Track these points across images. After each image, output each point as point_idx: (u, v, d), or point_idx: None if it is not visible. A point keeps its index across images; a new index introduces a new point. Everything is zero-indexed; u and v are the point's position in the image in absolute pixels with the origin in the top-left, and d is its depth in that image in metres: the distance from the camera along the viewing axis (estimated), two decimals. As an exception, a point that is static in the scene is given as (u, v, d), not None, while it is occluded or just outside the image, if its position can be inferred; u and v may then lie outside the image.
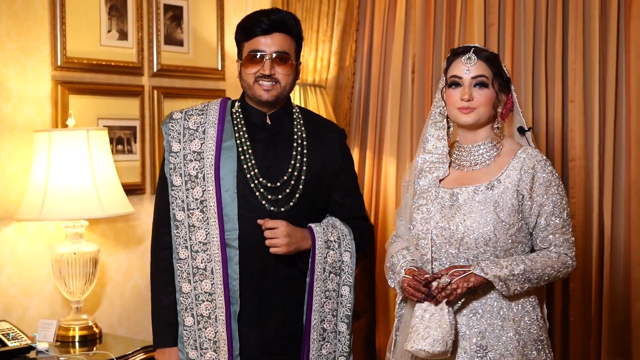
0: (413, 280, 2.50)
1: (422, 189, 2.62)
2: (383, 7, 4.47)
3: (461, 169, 2.61)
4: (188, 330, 2.64)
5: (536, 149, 2.59)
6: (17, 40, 3.54)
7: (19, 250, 3.55)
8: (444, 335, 2.42)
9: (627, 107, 3.71)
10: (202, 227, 2.61)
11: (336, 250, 2.69)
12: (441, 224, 2.54)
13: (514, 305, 2.52)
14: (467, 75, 2.55)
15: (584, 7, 3.79)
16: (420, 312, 2.47)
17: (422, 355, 2.45)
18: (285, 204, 2.62)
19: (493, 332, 2.49)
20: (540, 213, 2.51)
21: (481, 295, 2.51)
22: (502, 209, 2.49)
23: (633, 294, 3.67)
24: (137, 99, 3.99)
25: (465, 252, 2.51)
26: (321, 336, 2.68)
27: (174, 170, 2.64)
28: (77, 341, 3.43)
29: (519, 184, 2.50)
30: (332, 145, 2.74)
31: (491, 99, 2.56)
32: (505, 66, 2.63)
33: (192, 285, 2.62)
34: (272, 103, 2.64)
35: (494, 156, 2.58)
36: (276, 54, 2.59)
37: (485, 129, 2.60)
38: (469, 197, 2.53)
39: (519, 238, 2.52)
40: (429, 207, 2.58)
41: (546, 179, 2.51)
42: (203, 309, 2.62)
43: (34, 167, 3.41)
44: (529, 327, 2.52)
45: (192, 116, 2.70)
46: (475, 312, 2.51)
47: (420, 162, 2.66)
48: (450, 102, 2.59)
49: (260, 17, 2.62)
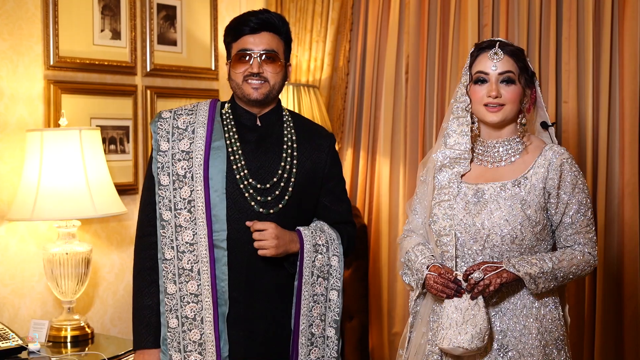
0: (440, 277, 2.47)
1: (442, 184, 2.58)
2: (377, 7, 4.47)
3: (484, 164, 2.58)
4: (172, 332, 2.61)
5: (562, 147, 2.56)
6: (9, 40, 3.53)
7: (10, 250, 3.54)
8: (481, 330, 2.39)
9: (621, 108, 3.71)
10: (189, 228, 2.59)
11: (324, 254, 2.68)
12: (465, 220, 2.51)
13: (537, 304, 2.50)
14: (494, 71, 2.51)
15: (578, 7, 3.79)
16: (451, 309, 2.43)
17: (458, 352, 2.42)
18: (275, 205, 2.62)
19: (515, 330, 2.47)
20: (566, 211, 2.50)
21: (504, 293, 2.49)
22: (529, 206, 2.47)
23: (626, 295, 3.67)
24: (130, 98, 3.98)
25: (490, 249, 2.48)
26: (309, 341, 2.67)
27: (161, 169, 2.63)
28: (69, 341, 3.42)
29: (546, 181, 2.48)
30: (321, 149, 2.73)
31: (518, 95, 2.52)
32: (530, 60, 2.59)
33: (178, 286, 2.60)
34: (261, 102, 2.63)
35: (519, 153, 2.55)
36: (264, 52, 2.59)
37: (511, 125, 2.57)
38: (495, 193, 2.50)
39: (544, 236, 2.51)
40: (452, 203, 2.54)
41: (573, 178, 2.50)
42: (188, 310, 2.60)
43: (26, 167, 3.39)
44: (550, 327, 2.50)
45: (182, 116, 2.69)
46: (498, 311, 2.49)
47: (441, 157, 2.61)
48: (476, 98, 2.54)
49: (248, 17, 2.63)
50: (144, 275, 2.65)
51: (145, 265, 2.65)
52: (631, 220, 3.66)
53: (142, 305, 2.65)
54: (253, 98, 2.61)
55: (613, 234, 3.73)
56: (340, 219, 2.78)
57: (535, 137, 2.62)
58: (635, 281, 3.66)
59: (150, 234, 2.64)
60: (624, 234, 3.68)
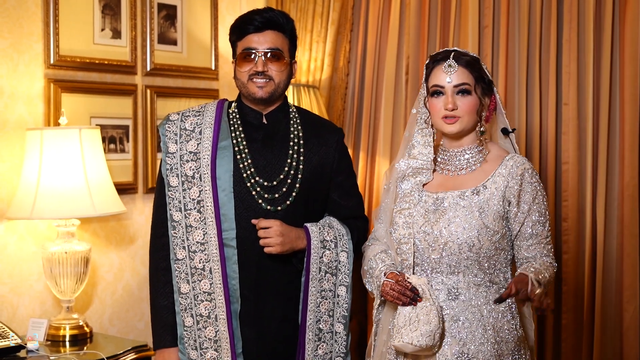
0: (397, 284, 2.47)
1: (405, 192, 2.59)
2: (377, 8, 4.46)
3: (445, 173, 2.59)
4: (188, 331, 2.64)
5: (523, 157, 2.56)
6: (9, 38, 3.52)
7: (9, 249, 3.53)
8: (432, 329, 2.39)
9: (621, 111, 3.71)
10: (199, 227, 2.62)
11: (332, 250, 2.69)
12: (424, 228, 2.51)
13: (495, 314, 2.49)
14: (449, 84, 2.51)
15: (579, 9, 3.79)
16: (407, 309, 2.43)
17: (409, 349, 2.42)
18: (282, 202, 2.63)
19: (475, 340, 2.46)
20: (525, 221, 2.50)
21: (462, 301, 2.49)
22: (487, 214, 2.46)
23: (625, 298, 3.67)
24: (130, 98, 3.97)
25: (447, 257, 2.48)
26: (317, 336, 2.68)
27: (170, 171, 2.65)
28: (67, 340, 3.41)
29: (505, 190, 2.48)
30: (329, 145, 2.74)
31: (475, 106, 2.53)
32: (486, 67, 2.59)
33: (191, 285, 2.63)
34: (266, 100, 2.64)
35: (480, 161, 2.55)
36: (269, 50, 2.60)
37: (471, 134, 2.58)
38: (453, 202, 2.50)
39: (502, 245, 2.50)
40: (412, 212, 2.55)
41: (533, 188, 2.50)
42: (202, 308, 2.62)
43: (25, 166, 3.39)
44: (507, 337, 2.49)
45: (189, 117, 2.70)
46: (457, 319, 2.48)
47: (404, 166, 2.63)
48: (434, 111, 2.55)
49: (253, 15, 2.65)
50: (159, 276, 2.68)
51: (159, 266, 2.68)
52: (630, 222, 3.66)
53: (158, 306, 2.68)
54: (258, 96, 2.62)
55: (612, 236, 3.72)
56: (350, 214, 2.79)
57: (496, 145, 2.62)
58: (635, 284, 3.66)
59: (163, 234, 2.67)
60: (623, 236, 3.68)
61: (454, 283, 2.50)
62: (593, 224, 3.76)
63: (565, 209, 3.80)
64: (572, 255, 3.79)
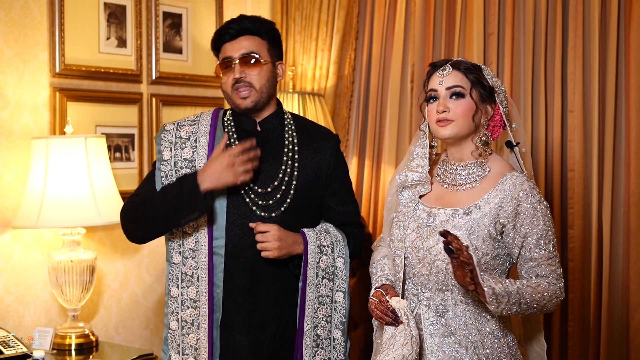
0: (380, 304, 2.47)
1: (404, 202, 2.56)
2: (382, 16, 4.47)
3: (445, 186, 2.53)
4: (172, 334, 2.66)
5: (523, 175, 2.48)
6: (15, 47, 3.53)
7: (15, 258, 3.54)
8: (405, 353, 2.38)
9: (627, 118, 3.70)
10: (192, 234, 2.64)
11: (329, 255, 2.68)
12: (416, 243, 2.48)
13: (483, 330, 2.44)
14: (441, 86, 2.46)
15: (584, 17, 3.79)
16: (390, 330, 2.44)
17: None
18: (276, 209, 2.63)
19: (463, 357, 2.42)
20: (524, 244, 2.41)
21: (451, 318, 2.45)
22: (477, 235, 2.40)
23: (632, 305, 3.66)
24: (136, 106, 3.98)
25: (435, 275, 2.44)
26: (315, 342, 2.67)
27: (165, 178, 2.66)
28: (73, 349, 3.42)
29: (499, 212, 2.41)
30: (324, 151, 2.74)
31: (469, 110, 2.44)
32: (491, 75, 2.51)
33: (180, 290, 2.64)
34: (251, 110, 2.66)
35: (480, 178, 2.48)
36: (242, 56, 2.61)
37: (469, 144, 2.49)
38: (445, 219, 2.45)
39: (493, 265, 2.43)
40: (407, 224, 2.52)
41: (531, 210, 2.40)
42: (187, 314, 2.64)
43: (31, 174, 3.40)
44: (496, 355, 2.44)
45: (184, 127, 2.72)
46: (446, 336, 2.45)
47: (402, 179, 2.58)
48: (430, 116, 2.50)
49: (228, 25, 2.68)
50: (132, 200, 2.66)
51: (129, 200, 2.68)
52: (637, 229, 3.65)
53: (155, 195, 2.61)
54: (243, 107, 2.64)
55: (618, 243, 3.71)
56: (346, 221, 2.78)
57: (499, 160, 2.53)
58: (641, 291, 3.65)
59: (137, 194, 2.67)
60: (629, 243, 3.67)
61: (442, 300, 2.46)
62: (599, 231, 3.75)
63: (571, 216, 3.79)
64: (578, 263, 3.78)
